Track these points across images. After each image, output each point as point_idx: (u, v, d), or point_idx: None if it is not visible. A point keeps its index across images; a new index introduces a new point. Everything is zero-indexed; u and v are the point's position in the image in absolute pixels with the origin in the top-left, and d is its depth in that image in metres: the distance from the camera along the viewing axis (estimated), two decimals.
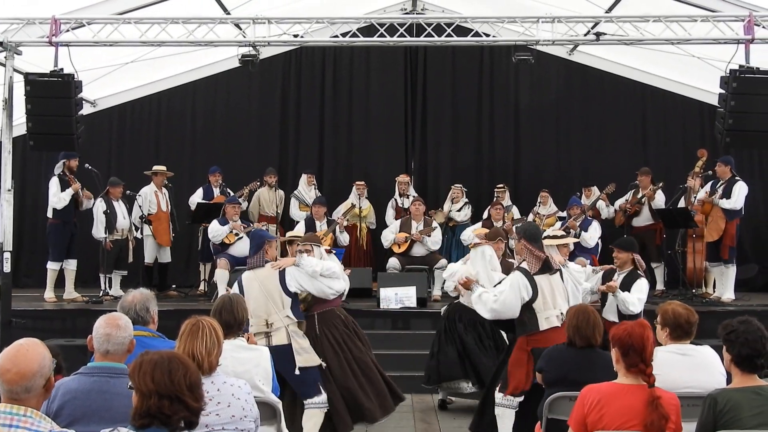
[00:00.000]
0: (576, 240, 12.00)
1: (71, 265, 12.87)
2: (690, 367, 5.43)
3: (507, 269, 8.53)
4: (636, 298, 8.53)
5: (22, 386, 3.58)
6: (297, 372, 7.67)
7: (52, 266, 12.81)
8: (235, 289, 7.94)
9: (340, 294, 8.38)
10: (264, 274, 7.95)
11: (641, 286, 8.67)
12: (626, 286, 8.68)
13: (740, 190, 12.62)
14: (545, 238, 8.87)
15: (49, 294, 12.74)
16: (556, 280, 7.80)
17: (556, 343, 6.98)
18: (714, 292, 12.99)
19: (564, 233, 10.14)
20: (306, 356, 7.77)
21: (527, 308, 7.54)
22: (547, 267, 7.70)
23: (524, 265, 7.74)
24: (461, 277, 8.31)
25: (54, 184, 12.58)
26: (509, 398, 7.56)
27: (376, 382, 8.27)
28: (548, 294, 7.63)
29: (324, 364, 7.89)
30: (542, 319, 7.55)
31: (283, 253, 9.86)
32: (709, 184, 13.03)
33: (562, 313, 7.50)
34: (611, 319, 8.42)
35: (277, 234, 13.77)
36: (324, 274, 7.94)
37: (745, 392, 4.59)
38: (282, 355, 7.50)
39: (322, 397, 7.82)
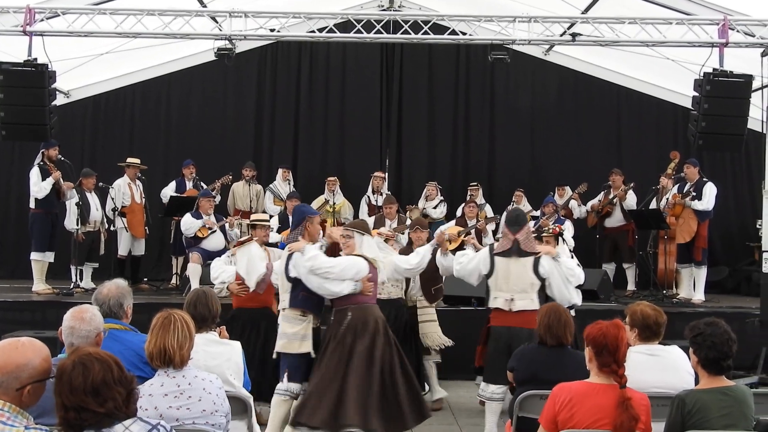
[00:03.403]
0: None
1: (48, 257, 12.75)
2: (658, 368, 5.46)
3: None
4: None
5: None
6: (274, 355, 7.70)
7: (36, 257, 12.58)
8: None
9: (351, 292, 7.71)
10: (273, 254, 7.97)
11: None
12: None
13: (710, 191, 12.72)
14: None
15: (39, 286, 12.50)
16: (519, 266, 8.04)
17: (497, 324, 7.92)
18: (683, 293, 13.06)
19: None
20: (286, 342, 7.55)
21: (485, 283, 8.22)
22: (513, 252, 8.08)
23: (495, 244, 8.36)
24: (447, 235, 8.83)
25: (34, 173, 12.44)
26: (491, 390, 7.84)
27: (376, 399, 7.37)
28: (501, 276, 8.05)
29: (312, 355, 7.53)
30: (491, 298, 8.12)
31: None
32: (676, 186, 13.12)
33: (512, 299, 7.88)
34: None
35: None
36: (317, 272, 7.46)
37: (713, 393, 4.62)
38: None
39: (291, 386, 7.52)
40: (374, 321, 7.52)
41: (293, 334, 7.57)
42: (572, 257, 9.09)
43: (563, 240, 9.13)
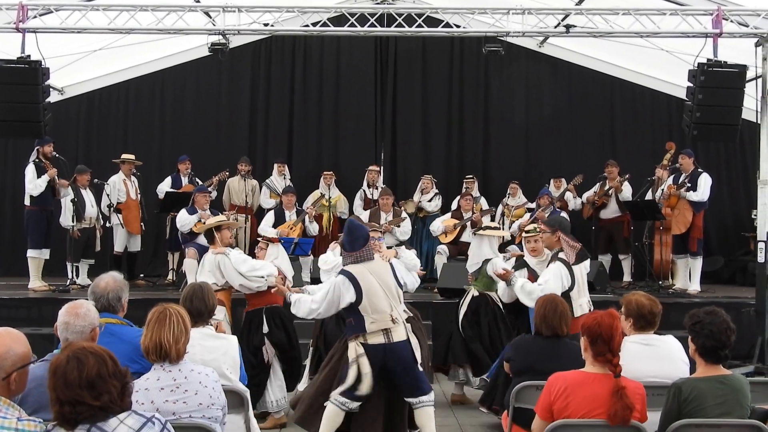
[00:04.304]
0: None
1: (44, 254, 12.76)
2: (654, 357, 5.48)
3: None
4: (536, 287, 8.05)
5: None
6: (421, 368, 7.14)
7: (32, 254, 12.62)
8: (342, 285, 6.96)
9: None
10: (377, 267, 7.09)
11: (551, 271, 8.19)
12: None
13: (705, 181, 12.73)
14: (483, 228, 9.21)
15: (35, 283, 12.55)
16: (584, 270, 8.11)
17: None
18: (679, 283, 13.09)
19: (498, 226, 10.53)
20: (420, 352, 7.19)
21: (565, 297, 7.64)
22: (581, 256, 8.06)
23: (562, 255, 8.02)
24: (498, 269, 8.46)
25: (30, 171, 12.44)
26: None
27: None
28: (581, 282, 7.98)
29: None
30: (576, 307, 7.82)
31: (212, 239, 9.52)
32: (671, 177, 13.13)
33: (589, 300, 7.87)
34: None
35: (247, 223, 13.76)
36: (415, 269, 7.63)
37: (709, 381, 4.65)
38: (401, 352, 6.97)
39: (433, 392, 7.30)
40: None
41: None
42: None
43: None
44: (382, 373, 6.99)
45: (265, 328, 8.56)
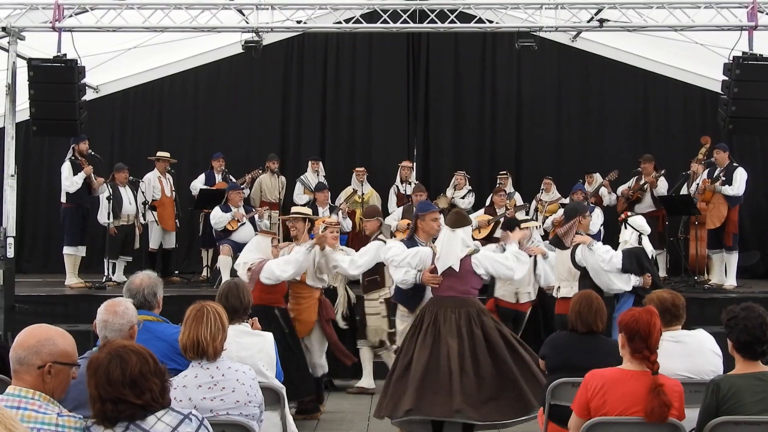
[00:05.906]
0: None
1: (80, 252, 12.87)
2: (684, 354, 5.48)
3: None
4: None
5: (16, 355, 3.61)
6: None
7: (69, 251, 12.74)
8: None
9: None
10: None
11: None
12: None
13: (741, 176, 12.61)
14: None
15: (72, 280, 12.65)
16: (563, 256, 8.76)
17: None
18: (715, 278, 12.97)
19: (526, 218, 11.32)
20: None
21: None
22: (554, 243, 8.98)
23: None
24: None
25: (66, 168, 12.58)
26: None
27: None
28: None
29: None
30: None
31: (286, 235, 9.69)
32: (706, 171, 13.02)
33: (558, 288, 8.80)
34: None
35: (279, 221, 13.82)
36: (386, 261, 7.95)
37: (748, 378, 4.62)
38: None
39: None
40: (444, 314, 7.29)
41: (401, 331, 7.83)
42: (639, 242, 8.87)
43: (626, 226, 8.99)
44: None
45: None
